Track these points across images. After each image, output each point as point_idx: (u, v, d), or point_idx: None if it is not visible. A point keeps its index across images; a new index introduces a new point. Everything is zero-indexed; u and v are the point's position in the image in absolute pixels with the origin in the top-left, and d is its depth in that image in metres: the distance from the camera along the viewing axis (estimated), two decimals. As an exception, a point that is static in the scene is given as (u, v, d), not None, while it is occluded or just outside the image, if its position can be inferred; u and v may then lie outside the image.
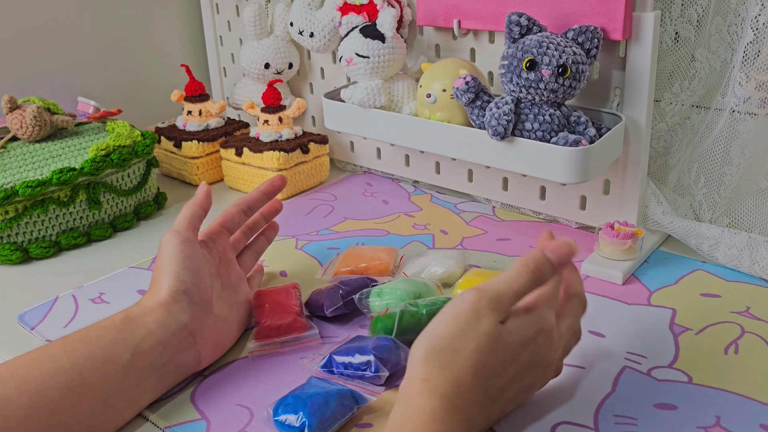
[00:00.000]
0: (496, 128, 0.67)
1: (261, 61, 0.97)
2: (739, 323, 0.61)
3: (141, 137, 0.87)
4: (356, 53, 0.80)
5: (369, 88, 0.80)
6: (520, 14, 0.67)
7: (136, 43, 1.14)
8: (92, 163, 0.79)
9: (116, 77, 1.12)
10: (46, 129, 0.87)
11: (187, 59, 1.19)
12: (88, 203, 0.81)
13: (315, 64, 1.01)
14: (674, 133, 0.77)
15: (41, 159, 0.82)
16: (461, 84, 0.70)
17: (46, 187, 0.76)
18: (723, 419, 0.50)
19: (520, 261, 0.47)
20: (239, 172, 0.94)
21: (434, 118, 0.75)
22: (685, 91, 0.74)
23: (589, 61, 0.67)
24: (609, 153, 0.69)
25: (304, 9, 0.91)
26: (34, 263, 0.78)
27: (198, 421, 0.52)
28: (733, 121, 0.70)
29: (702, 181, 0.74)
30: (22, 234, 0.78)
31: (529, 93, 0.67)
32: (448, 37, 0.84)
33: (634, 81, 0.69)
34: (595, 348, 0.59)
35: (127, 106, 1.09)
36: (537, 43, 0.65)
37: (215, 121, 0.99)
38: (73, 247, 0.81)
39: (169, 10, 1.16)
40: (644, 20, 0.66)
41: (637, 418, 0.51)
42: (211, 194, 0.64)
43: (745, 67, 0.67)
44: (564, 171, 0.66)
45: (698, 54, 0.72)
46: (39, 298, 0.70)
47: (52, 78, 1.05)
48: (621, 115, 0.71)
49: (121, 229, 0.85)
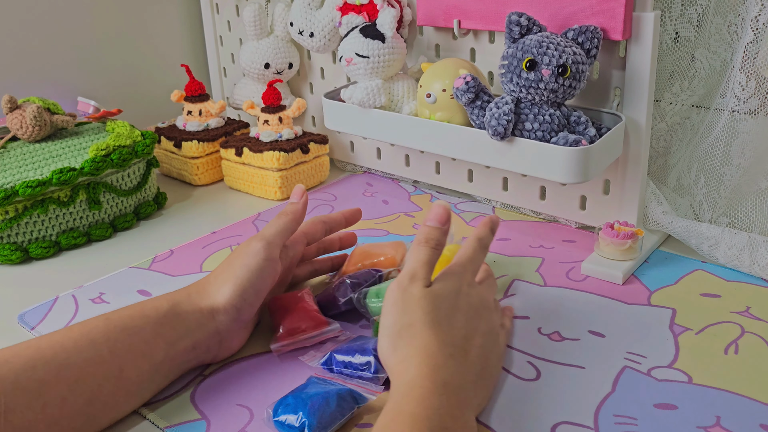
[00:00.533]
0: (496, 128, 0.67)
1: (261, 61, 0.97)
2: (739, 323, 0.61)
3: (141, 137, 0.87)
4: (356, 53, 0.80)
5: (369, 88, 0.80)
6: (520, 14, 0.67)
7: (136, 43, 1.14)
8: (92, 163, 0.79)
9: (116, 77, 1.12)
10: (46, 129, 0.87)
11: (187, 59, 1.19)
12: (88, 203, 0.81)
13: (315, 64, 1.01)
14: (674, 133, 0.77)
15: (41, 159, 0.82)
16: (461, 84, 0.70)
17: (46, 187, 0.76)
18: (723, 419, 0.50)
19: (415, 240, 0.54)
20: (239, 172, 0.94)
21: (434, 118, 0.75)
22: (685, 91, 0.74)
23: (589, 61, 0.67)
24: (609, 153, 0.69)
25: (304, 9, 0.91)
26: (34, 263, 0.78)
27: (198, 421, 0.52)
28: (733, 121, 0.70)
29: (702, 181, 0.74)
30: (22, 234, 0.78)
31: (529, 93, 0.67)
32: (448, 37, 0.84)
33: (634, 81, 0.69)
34: (595, 348, 0.59)
35: (127, 106, 1.09)
36: (537, 43, 0.65)
37: (215, 121, 0.99)
38: (73, 247, 0.81)
39: (169, 10, 1.16)
40: (644, 20, 0.66)
41: (637, 418, 0.51)
42: (307, 203, 0.64)
43: (745, 67, 0.67)
44: (564, 171, 0.66)
45: (698, 54, 0.72)
46: (39, 298, 0.70)
47: (52, 78, 1.05)
48: (621, 115, 0.71)
49: (121, 229, 0.85)
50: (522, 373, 0.56)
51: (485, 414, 0.51)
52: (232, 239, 0.81)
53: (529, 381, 0.55)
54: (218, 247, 0.79)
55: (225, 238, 0.81)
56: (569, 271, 0.71)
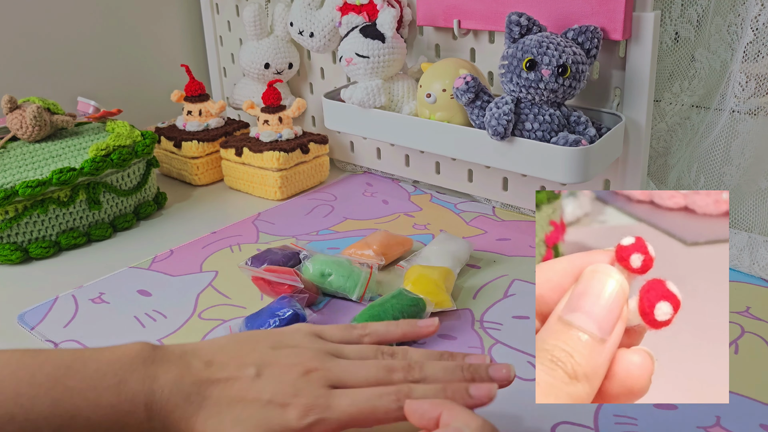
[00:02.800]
0: (496, 128, 0.67)
1: (261, 61, 0.97)
2: (739, 323, 0.61)
3: (141, 137, 0.86)
4: (356, 53, 0.80)
5: (369, 88, 0.80)
6: (520, 14, 0.67)
7: (136, 43, 1.14)
8: (92, 163, 0.79)
9: (116, 77, 1.12)
10: (46, 129, 0.87)
11: (187, 59, 1.19)
12: (88, 203, 0.81)
13: (315, 64, 1.01)
14: (674, 133, 0.77)
15: (41, 159, 0.82)
16: (461, 84, 0.70)
17: (46, 187, 0.76)
18: (723, 419, 0.50)
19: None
20: (239, 172, 0.94)
21: (434, 118, 0.75)
22: (685, 91, 0.74)
23: (589, 61, 0.67)
24: (609, 153, 0.69)
25: (304, 9, 0.91)
26: (34, 263, 0.78)
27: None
28: (732, 121, 0.70)
29: (702, 181, 0.74)
30: (22, 234, 0.78)
31: (529, 93, 0.67)
32: (448, 37, 0.84)
33: (634, 81, 0.69)
34: (595, 348, 0.59)
35: (127, 106, 1.09)
36: (537, 43, 0.65)
37: (215, 121, 0.99)
38: (73, 247, 0.81)
39: (169, 10, 1.16)
40: (644, 20, 0.66)
41: (637, 418, 0.51)
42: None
43: (745, 67, 0.67)
44: (564, 171, 0.66)
45: (698, 54, 0.72)
46: (39, 298, 0.70)
47: (52, 78, 1.05)
48: (621, 115, 0.71)
49: (121, 229, 0.85)
50: (522, 373, 0.56)
51: (482, 412, 0.51)
52: (232, 239, 0.81)
53: (529, 381, 0.55)
54: (218, 247, 0.79)
55: (225, 238, 0.81)
56: (569, 271, 0.71)
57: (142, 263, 0.76)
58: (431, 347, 0.59)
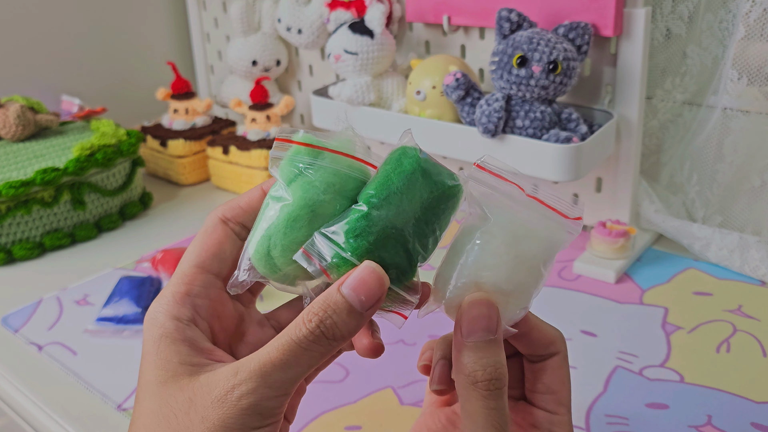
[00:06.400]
0: (486, 125, 0.66)
1: (248, 58, 0.96)
2: (731, 321, 0.61)
3: (126, 136, 0.86)
4: (345, 50, 0.79)
5: (358, 85, 0.79)
6: (510, 10, 0.66)
7: (121, 40, 1.12)
8: (76, 163, 0.78)
9: (101, 75, 1.11)
10: (30, 128, 0.85)
11: (173, 56, 1.18)
12: (73, 203, 0.80)
13: (303, 61, 1.00)
14: (666, 130, 0.77)
15: (25, 159, 0.80)
16: (451, 81, 0.69)
17: (29, 187, 0.75)
18: (714, 418, 0.50)
19: None
20: (226, 171, 0.93)
21: (424, 115, 0.74)
22: (677, 88, 0.74)
23: (579, 57, 0.66)
24: (600, 150, 0.68)
25: (292, 5, 0.90)
26: (17, 265, 0.77)
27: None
28: (725, 118, 0.70)
29: (694, 179, 0.74)
30: (6, 235, 0.76)
31: (520, 90, 0.66)
32: (437, 34, 0.83)
33: (626, 78, 0.68)
34: (587, 347, 0.58)
35: (111, 105, 1.08)
36: (527, 40, 0.65)
37: (202, 120, 0.98)
38: (57, 248, 0.80)
39: (155, 6, 1.15)
40: (635, 16, 0.66)
41: (628, 417, 0.50)
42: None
43: (737, 64, 0.66)
44: (555, 168, 0.65)
45: (690, 50, 0.72)
46: (23, 300, 0.69)
47: (35, 76, 1.04)
48: (612, 112, 0.70)
49: (106, 230, 0.84)
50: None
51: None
52: (220, 239, 0.80)
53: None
54: (206, 247, 0.78)
55: (212, 238, 0.80)
56: (561, 270, 0.70)
57: (127, 264, 0.75)
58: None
